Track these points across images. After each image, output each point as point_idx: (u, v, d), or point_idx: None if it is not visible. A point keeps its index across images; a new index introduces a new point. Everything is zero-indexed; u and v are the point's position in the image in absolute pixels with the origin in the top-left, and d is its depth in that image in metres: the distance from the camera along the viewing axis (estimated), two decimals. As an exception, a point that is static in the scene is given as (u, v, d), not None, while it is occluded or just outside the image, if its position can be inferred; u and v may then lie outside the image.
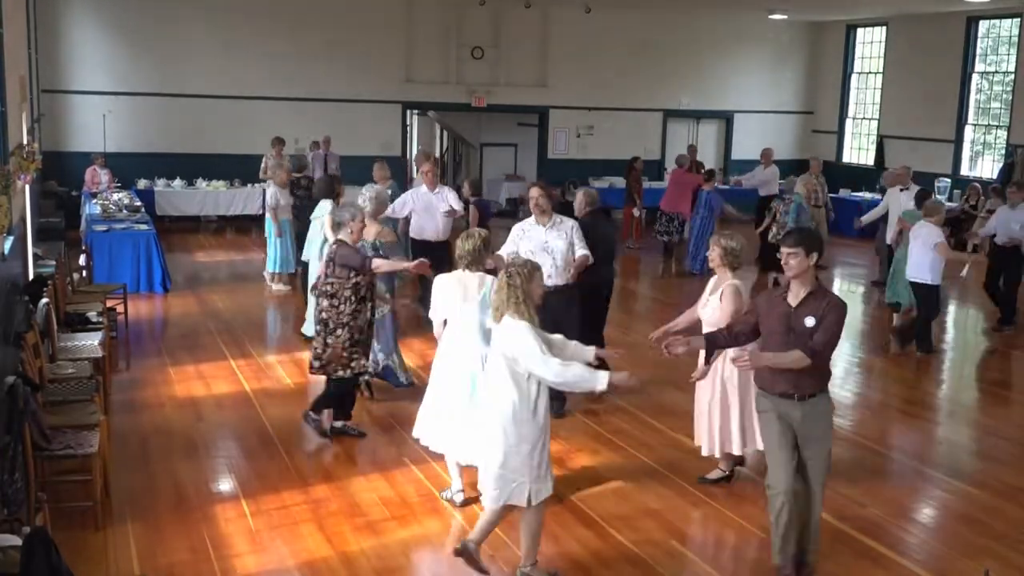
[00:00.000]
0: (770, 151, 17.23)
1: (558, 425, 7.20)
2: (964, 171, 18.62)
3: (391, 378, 8.35)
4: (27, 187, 8.94)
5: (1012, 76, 17.76)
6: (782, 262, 5.05)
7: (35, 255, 10.25)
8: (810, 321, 4.95)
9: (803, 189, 12.74)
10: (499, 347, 5.04)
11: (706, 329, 6.00)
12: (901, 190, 12.57)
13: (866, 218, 13.31)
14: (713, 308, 6.29)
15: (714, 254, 6.35)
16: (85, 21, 16.96)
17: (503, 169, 21.10)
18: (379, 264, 7.17)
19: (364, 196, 8.52)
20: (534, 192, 7.78)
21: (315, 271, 8.94)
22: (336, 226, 7.48)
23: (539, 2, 18.00)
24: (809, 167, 15.58)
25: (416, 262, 7.47)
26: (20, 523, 4.78)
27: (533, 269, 5.16)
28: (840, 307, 5.02)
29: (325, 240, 8.94)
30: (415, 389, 7.89)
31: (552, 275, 7.33)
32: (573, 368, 4.90)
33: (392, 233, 8.79)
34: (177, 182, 16.93)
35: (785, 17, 20.07)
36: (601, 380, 4.87)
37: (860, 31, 21.22)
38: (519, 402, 4.96)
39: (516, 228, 7.74)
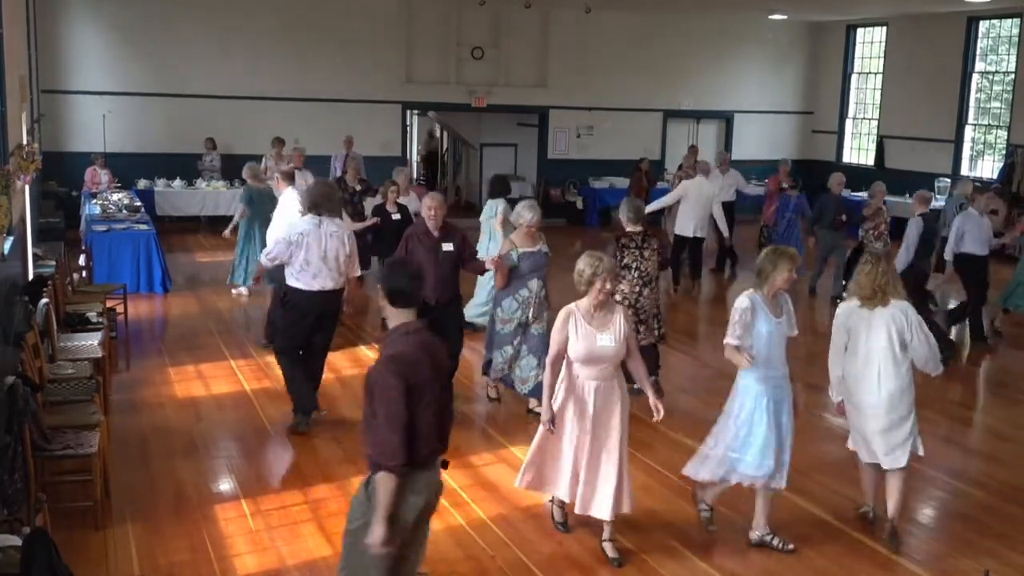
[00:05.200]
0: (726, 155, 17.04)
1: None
2: (964, 171, 18.60)
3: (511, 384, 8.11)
4: (27, 187, 8.94)
5: (1012, 76, 17.76)
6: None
7: (35, 255, 10.26)
8: None
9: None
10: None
11: (606, 370, 5.57)
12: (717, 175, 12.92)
13: (652, 207, 12.52)
14: (619, 341, 5.55)
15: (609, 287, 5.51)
16: (85, 21, 16.95)
17: (503, 169, 21.07)
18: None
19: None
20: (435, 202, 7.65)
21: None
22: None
23: (539, 2, 17.98)
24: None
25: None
26: (20, 523, 4.79)
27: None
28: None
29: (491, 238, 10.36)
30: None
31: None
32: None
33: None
34: (177, 182, 16.91)
35: (785, 17, 20.08)
36: None
37: (860, 31, 21.22)
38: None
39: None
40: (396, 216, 10.61)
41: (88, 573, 5.19)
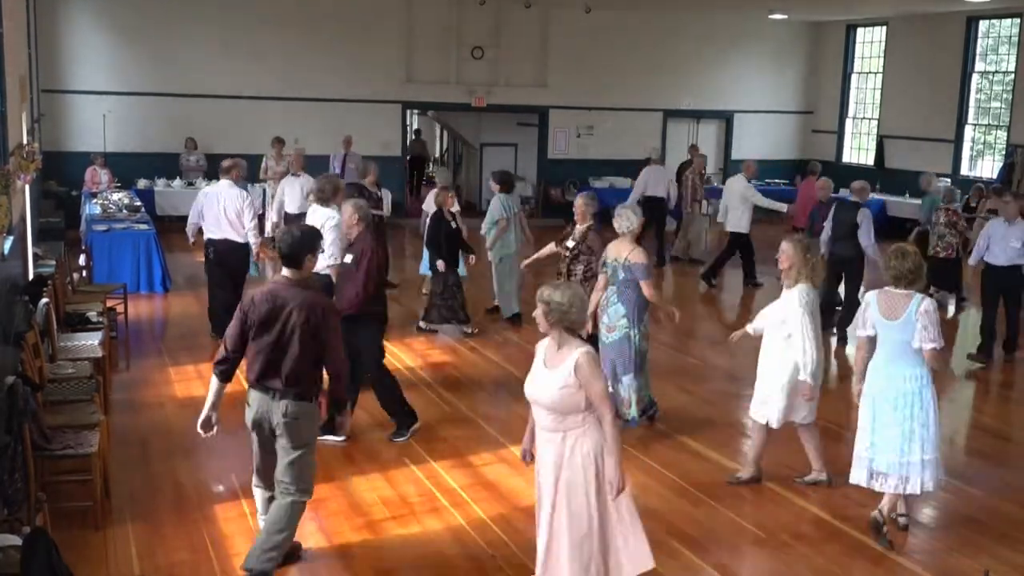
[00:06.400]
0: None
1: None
2: (964, 171, 18.62)
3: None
4: (27, 187, 8.93)
5: (1012, 76, 17.76)
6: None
7: (35, 255, 10.25)
8: None
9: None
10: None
11: (547, 418, 4.53)
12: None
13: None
14: (555, 386, 4.43)
15: (538, 313, 4.49)
16: (85, 21, 16.96)
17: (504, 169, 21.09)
18: None
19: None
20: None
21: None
22: None
23: (539, 2, 17.99)
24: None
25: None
26: (20, 523, 4.78)
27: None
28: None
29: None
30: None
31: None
32: None
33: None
34: (177, 182, 16.91)
35: (785, 17, 20.08)
36: None
37: (860, 31, 21.22)
38: None
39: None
40: (454, 225, 10.50)
41: (88, 573, 5.19)
